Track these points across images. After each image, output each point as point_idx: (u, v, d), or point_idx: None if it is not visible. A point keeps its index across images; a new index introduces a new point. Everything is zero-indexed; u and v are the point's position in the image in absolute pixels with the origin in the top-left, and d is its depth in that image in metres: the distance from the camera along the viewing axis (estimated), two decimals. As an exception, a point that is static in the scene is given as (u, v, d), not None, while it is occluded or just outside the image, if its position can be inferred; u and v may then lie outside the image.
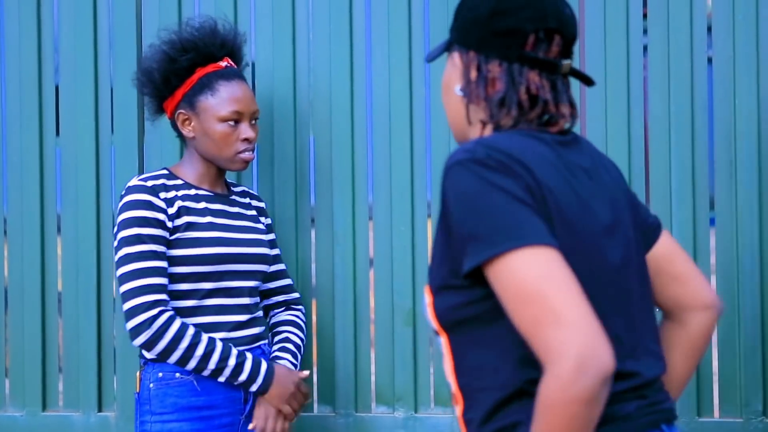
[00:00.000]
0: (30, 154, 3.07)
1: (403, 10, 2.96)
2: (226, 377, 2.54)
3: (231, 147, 2.64)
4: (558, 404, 1.55)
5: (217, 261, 2.59)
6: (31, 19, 3.08)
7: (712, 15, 2.84)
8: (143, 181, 2.60)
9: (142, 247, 2.53)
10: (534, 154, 1.71)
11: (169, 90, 2.66)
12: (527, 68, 1.79)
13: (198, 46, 2.65)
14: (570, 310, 1.56)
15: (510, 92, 1.78)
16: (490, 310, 1.68)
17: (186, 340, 2.50)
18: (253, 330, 2.66)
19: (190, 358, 2.51)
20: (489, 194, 1.63)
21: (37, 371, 3.07)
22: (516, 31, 1.78)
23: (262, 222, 2.78)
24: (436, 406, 2.95)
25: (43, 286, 3.07)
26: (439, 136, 2.94)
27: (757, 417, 2.81)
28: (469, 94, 1.82)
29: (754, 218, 2.80)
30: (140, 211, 2.55)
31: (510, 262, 1.59)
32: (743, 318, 2.81)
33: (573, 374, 1.53)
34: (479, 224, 1.63)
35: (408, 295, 2.95)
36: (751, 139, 2.81)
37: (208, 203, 2.66)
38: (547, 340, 1.56)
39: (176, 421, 2.56)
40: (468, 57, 1.82)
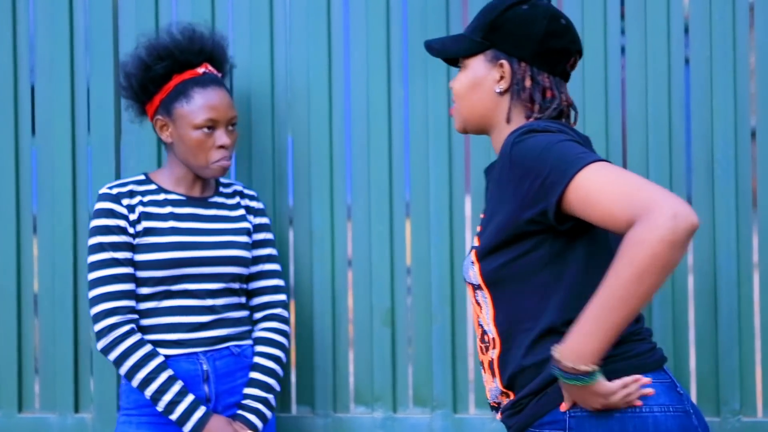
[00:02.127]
0: (5, 154, 3.05)
1: (381, 10, 2.96)
2: (161, 410, 2.57)
3: (206, 154, 2.65)
4: (645, 242, 1.81)
5: (173, 265, 2.62)
6: (6, 18, 3.05)
7: (689, 16, 2.85)
8: (109, 189, 2.66)
9: (103, 255, 2.61)
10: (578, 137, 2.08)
11: (147, 95, 2.69)
12: (562, 81, 2.17)
13: (174, 54, 2.66)
14: (652, 184, 1.89)
15: (558, 99, 2.14)
16: (536, 262, 2.00)
17: (132, 360, 2.58)
18: (217, 332, 2.66)
19: (131, 378, 2.58)
20: (558, 142, 1.98)
21: (12, 372, 3.05)
22: (566, 51, 2.16)
23: (250, 221, 2.77)
24: (414, 406, 2.95)
25: (19, 286, 3.05)
26: (418, 137, 2.94)
27: (734, 415, 2.83)
28: (519, 98, 2.13)
29: (731, 217, 2.82)
30: (103, 220, 2.63)
31: (587, 173, 1.91)
32: (720, 316, 2.82)
33: (666, 219, 1.80)
34: (557, 162, 1.94)
35: (386, 295, 2.94)
36: (728, 139, 2.82)
37: (176, 207, 2.67)
38: (640, 199, 1.84)
39: (137, 416, 2.62)
40: (520, 66, 2.13)
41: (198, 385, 2.63)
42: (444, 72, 2.92)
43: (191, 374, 2.62)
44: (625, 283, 1.84)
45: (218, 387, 2.65)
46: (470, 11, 2.90)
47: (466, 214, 2.94)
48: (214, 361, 2.65)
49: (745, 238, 2.83)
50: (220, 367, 2.66)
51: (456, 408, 2.93)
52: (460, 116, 2.22)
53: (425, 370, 2.94)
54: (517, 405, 2.06)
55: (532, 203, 1.97)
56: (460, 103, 2.20)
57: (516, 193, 1.99)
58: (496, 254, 2.04)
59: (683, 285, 2.85)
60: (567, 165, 1.93)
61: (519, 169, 1.99)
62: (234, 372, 2.68)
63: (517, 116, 2.14)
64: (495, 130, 2.17)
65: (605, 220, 1.89)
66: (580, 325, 1.90)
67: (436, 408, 2.94)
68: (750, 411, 2.84)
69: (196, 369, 2.63)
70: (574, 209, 1.93)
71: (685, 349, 2.86)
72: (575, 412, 1.98)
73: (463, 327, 2.94)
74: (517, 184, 1.99)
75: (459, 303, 2.93)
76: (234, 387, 2.67)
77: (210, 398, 2.64)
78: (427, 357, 2.94)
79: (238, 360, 2.69)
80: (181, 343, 2.63)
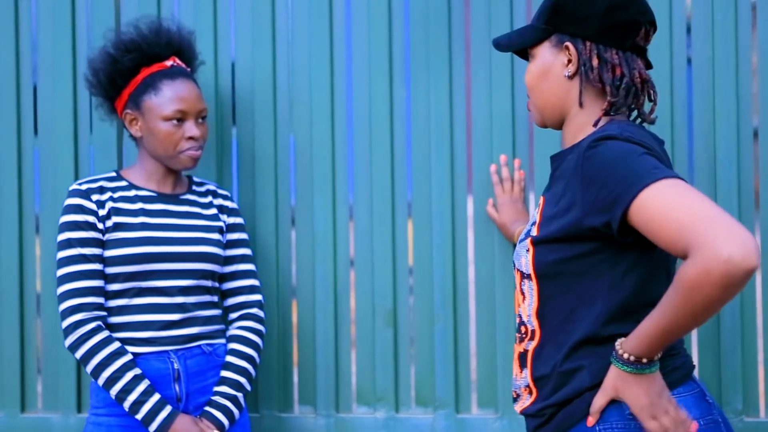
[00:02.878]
0: (8, 153, 3.05)
1: (383, 10, 2.96)
2: (126, 410, 2.56)
3: (175, 146, 2.64)
4: (699, 285, 1.76)
5: (143, 260, 2.60)
6: (9, 17, 3.06)
7: (691, 16, 2.85)
8: (79, 185, 2.65)
9: (71, 252, 2.61)
10: (657, 149, 2.01)
11: (115, 90, 2.68)
12: (635, 56, 2.08)
13: (141, 46, 2.66)
14: (718, 210, 1.79)
15: (627, 77, 2.05)
16: (592, 266, 1.97)
17: (97, 358, 2.56)
18: (188, 330, 2.65)
19: (97, 377, 2.57)
20: (633, 154, 1.91)
21: (15, 372, 3.05)
22: (633, 23, 2.07)
23: (223, 221, 2.76)
24: (416, 407, 2.95)
25: (22, 286, 3.06)
26: (419, 137, 2.94)
27: (737, 416, 2.83)
28: (588, 79, 2.06)
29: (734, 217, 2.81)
30: (71, 216, 2.63)
31: (655, 190, 1.85)
32: (723, 317, 2.82)
33: (721, 263, 1.74)
34: (627, 175, 1.88)
35: (388, 296, 2.94)
36: (731, 139, 2.82)
37: (146, 204, 2.67)
38: (696, 234, 1.77)
39: (106, 416, 2.61)
40: (585, 46, 2.06)
41: (168, 384, 2.61)
42: (446, 70, 2.92)
43: (162, 373, 2.61)
44: (683, 317, 1.82)
45: (189, 386, 2.63)
46: (472, 10, 2.91)
47: (468, 214, 2.94)
48: (185, 360, 2.63)
49: (748, 239, 2.82)
50: (191, 365, 2.64)
51: (458, 408, 2.93)
52: (536, 109, 2.16)
53: (427, 371, 2.94)
54: (541, 414, 2.05)
55: (598, 212, 1.92)
56: (534, 94, 2.14)
57: (584, 199, 1.94)
58: (554, 247, 2.00)
59: (685, 285, 2.84)
60: (636, 179, 1.87)
61: (590, 174, 1.93)
62: (205, 371, 2.66)
63: (589, 99, 2.08)
64: (569, 117, 2.11)
65: (664, 244, 1.85)
66: (641, 332, 1.88)
67: (438, 408, 2.94)
68: (753, 411, 2.83)
69: (167, 368, 2.61)
70: (637, 226, 1.88)
71: (688, 349, 2.84)
72: (605, 427, 1.96)
73: (465, 327, 2.94)
74: (585, 188, 1.94)
75: (461, 303, 2.93)
76: (205, 386, 2.66)
77: (181, 398, 2.62)
78: (429, 357, 2.94)
79: (209, 359, 2.67)
80: (151, 341, 2.61)
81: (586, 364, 1.98)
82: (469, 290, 2.94)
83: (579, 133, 2.09)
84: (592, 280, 1.98)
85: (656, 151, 1.97)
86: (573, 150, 2.03)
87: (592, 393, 1.98)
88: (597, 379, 1.97)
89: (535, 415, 2.07)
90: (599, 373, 1.97)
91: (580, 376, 1.98)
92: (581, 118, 2.09)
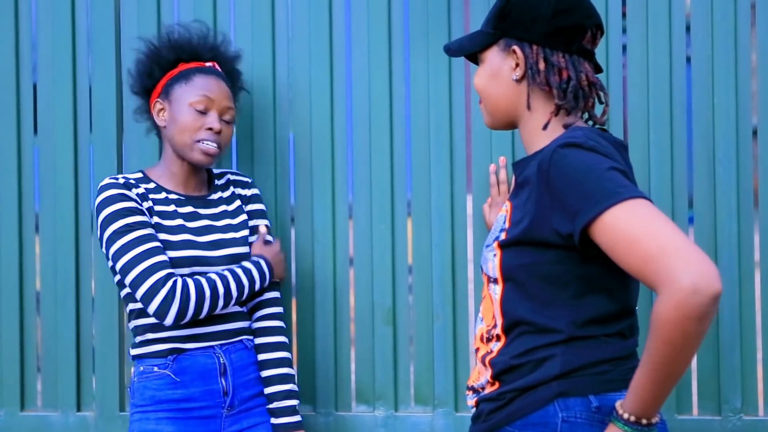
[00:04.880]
0: (8, 152, 3.06)
1: (383, 8, 2.96)
2: (248, 292, 2.63)
3: (193, 133, 2.63)
4: (673, 322, 1.78)
5: (188, 263, 2.59)
6: (9, 17, 3.06)
7: (690, 14, 2.85)
8: (114, 179, 2.63)
9: (136, 234, 2.54)
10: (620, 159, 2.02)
11: (152, 82, 2.69)
12: (582, 59, 2.11)
13: (185, 42, 2.70)
14: (679, 240, 1.81)
15: (574, 80, 2.08)
16: (556, 274, 1.98)
17: (207, 290, 2.55)
18: (231, 324, 2.65)
19: (218, 304, 2.57)
20: (603, 168, 1.91)
21: (15, 371, 3.05)
22: (579, 27, 2.10)
23: (246, 211, 2.77)
24: (416, 405, 2.96)
25: (21, 285, 3.06)
26: (419, 135, 2.94)
27: (735, 414, 2.83)
28: (535, 82, 2.09)
29: (733, 216, 2.82)
30: (120, 203, 2.57)
31: (619, 211, 1.86)
32: (722, 315, 2.82)
33: (688, 295, 1.76)
34: (594, 190, 1.89)
35: (388, 294, 2.95)
36: (730, 138, 2.82)
37: (179, 207, 2.66)
38: (660, 267, 1.80)
39: (154, 412, 2.59)
40: (532, 50, 2.09)
41: (215, 378, 2.61)
42: (446, 70, 2.92)
43: (208, 368, 2.61)
44: (667, 359, 1.82)
45: (235, 380, 2.64)
46: (472, 9, 2.91)
47: (468, 212, 2.94)
48: (230, 354, 2.64)
49: (747, 237, 2.83)
50: (236, 360, 2.64)
51: (457, 406, 2.94)
52: (486, 111, 2.19)
53: (427, 369, 2.94)
54: (500, 398, 2.04)
55: (562, 222, 1.93)
56: (484, 98, 2.18)
57: (551, 206, 1.95)
58: (520, 250, 2.01)
59: (685, 284, 2.84)
60: (600, 197, 1.88)
61: (555, 182, 1.94)
62: (248, 366, 2.67)
63: (538, 102, 2.11)
64: (521, 121, 2.14)
65: (628, 269, 1.86)
66: (636, 387, 1.88)
67: (437, 406, 2.94)
68: (751, 409, 2.84)
69: (213, 363, 2.61)
70: (600, 244, 1.89)
71: (687, 347, 2.85)
72: (569, 415, 1.97)
73: (464, 325, 2.94)
74: (552, 196, 1.95)
75: (460, 301, 2.94)
76: (248, 381, 2.66)
77: (227, 391, 2.62)
78: (428, 355, 2.94)
79: (251, 354, 2.68)
80: (197, 337, 2.60)
81: (558, 353, 1.98)
82: (468, 289, 2.94)
83: (534, 137, 2.12)
84: (557, 288, 1.99)
85: (620, 163, 1.97)
86: (536, 156, 2.03)
87: (560, 382, 1.98)
88: (567, 368, 1.97)
89: (494, 399, 2.05)
90: (570, 363, 1.97)
91: (551, 363, 1.98)
92: (533, 123, 2.12)
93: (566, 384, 1.98)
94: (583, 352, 1.98)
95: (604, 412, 1.96)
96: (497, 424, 2.03)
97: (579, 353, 1.98)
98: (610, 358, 2.00)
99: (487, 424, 2.05)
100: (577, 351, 1.98)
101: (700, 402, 2.86)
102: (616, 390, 1.98)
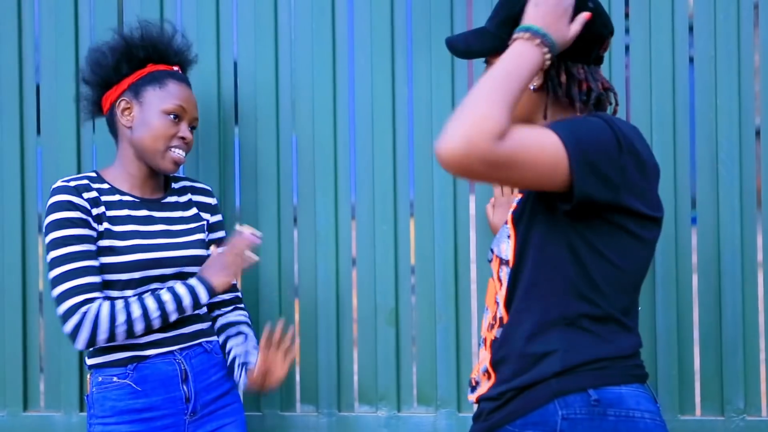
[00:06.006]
0: (11, 153, 3.06)
1: (386, 10, 2.96)
2: (176, 317, 2.55)
3: (166, 141, 2.61)
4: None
5: (138, 268, 2.55)
6: (12, 17, 3.06)
7: (693, 15, 2.85)
8: (66, 182, 2.58)
9: (69, 249, 2.50)
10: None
11: (117, 77, 2.64)
12: (596, 66, 2.11)
13: (155, 43, 2.66)
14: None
15: (595, 90, 2.07)
16: (553, 241, 1.98)
17: (120, 323, 2.48)
18: (189, 328, 2.63)
19: (134, 331, 2.50)
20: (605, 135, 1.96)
21: (18, 371, 3.05)
22: (598, 37, 2.08)
23: (204, 219, 2.74)
24: (418, 405, 2.96)
25: (24, 285, 3.06)
26: (422, 136, 2.95)
27: (738, 415, 2.83)
28: (556, 93, 2.06)
29: (736, 217, 2.82)
30: (64, 213, 2.52)
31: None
32: (724, 316, 2.82)
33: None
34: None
35: (390, 295, 2.95)
36: (733, 139, 2.82)
37: (132, 210, 2.62)
38: None
39: (116, 424, 2.55)
40: (552, 62, 2.03)
41: (177, 385, 2.59)
42: (448, 71, 2.92)
43: (169, 375, 2.58)
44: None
45: (196, 385, 2.62)
46: (475, 10, 2.91)
47: (471, 213, 2.94)
48: (190, 360, 2.62)
49: (750, 238, 2.83)
50: (196, 365, 2.62)
51: (460, 407, 2.94)
52: None
53: (429, 369, 2.94)
54: (500, 397, 2.03)
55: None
56: None
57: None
58: (527, 228, 2.02)
59: (687, 285, 2.85)
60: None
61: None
62: (207, 369, 2.65)
63: (555, 112, 2.09)
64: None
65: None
66: None
67: (440, 407, 2.94)
68: (754, 410, 2.84)
69: (174, 369, 2.59)
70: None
71: (690, 348, 2.86)
72: (568, 413, 1.97)
73: (467, 326, 2.94)
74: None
75: (463, 302, 2.94)
76: (209, 384, 2.64)
77: (189, 398, 2.60)
78: (431, 356, 2.94)
79: (210, 357, 2.66)
80: (157, 343, 2.58)
81: (560, 349, 1.98)
82: (471, 289, 2.94)
83: None
84: (554, 256, 1.99)
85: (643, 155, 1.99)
86: None
87: (558, 380, 1.98)
88: (567, 365, 1.98)
89: (494, 398, 2.05)
90: (571, 360, 1.98)
91: (551, 360, 1.99)
92: None
93: (565, 381, 1.98)
94: (583, 348, 1.99)
95: (604, 404, 1.96)
96: (497, 423, 2.03)
97: (579, 342, 1.99)
98: (610, 356, 2.00)
99: (488, 423, 2.05)
100: (578, 340, 1.99)
101: (703, 403, 2.85)
102: (614, 384, 1.98)
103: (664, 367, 2.84)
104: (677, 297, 2.84)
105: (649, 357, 2.82)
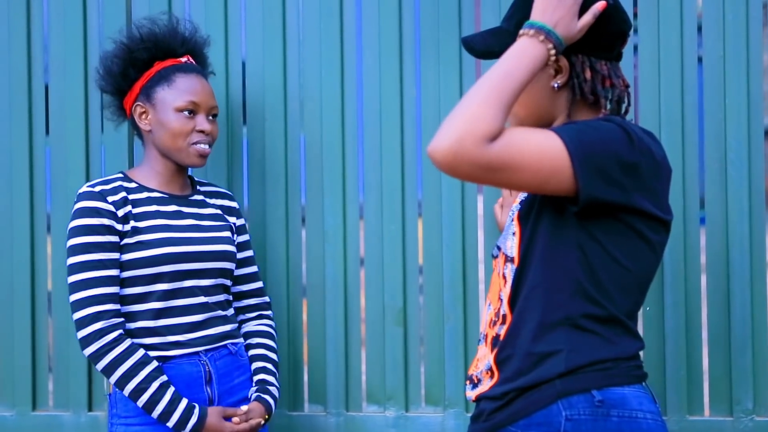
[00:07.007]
0: (20, 153, 3.07)
1: (394, 10, 2.96)
2: (156, 418, 2.51)
3: (185, 138, 2.62)
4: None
5: (165, 261, 2.56)
6: (21, 17, 3.07)
7: (702, 14, 2.85)
8: (91, 187, 2.59)
9: (88, 257, 2.52)
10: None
11: (127, 83, 2.66)
12: (617, 64, 2.09)
13: (157, 40, 2.66)
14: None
15: (618, 87, 2.06)
16: (561, 241, 1.97)
17: (122, 369, 2.49)
18: (214, 330, 2.63)
19: (123, 387, 2.51)
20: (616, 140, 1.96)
21: (26, 371, 3.06)
22: (620, 33, 2.07)
23: (229, 221, 2.74)
24: (426, 405, 2.95)
25: (33, 285, 3.07)
26: (430, 136, 2.93)
27: (747, 415, 2.82)
28: (582, 92, 2.04)
29: (744, 217, 2.81)
30: (87, 219, 2.55)
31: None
32: (733, 316, 2.82)
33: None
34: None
35: (398, 295, 2.95)
36: (741, 138, 2.81)
37: (161, 205, 2.63)
38: None
39: (138, 425, 2.55)
40: (578, 58, 2.03)
41: (200, 386, 2.59)
42: (456, 69, 2.92)
43: (194, 376, 2.58)
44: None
45: (219, 387, 2.62)
46: (483, 9, 2.91)
47: (479, 213, 2.94)
48: (215, 362, 2.62)
49: (758, 238, 2.82)
50: (220, 367, 2.63)
51: (468, 407, 2.93)
52: (516, 117, 2.08)
53: (437, 369, 2.94)
54: (502, 397, 2.01)
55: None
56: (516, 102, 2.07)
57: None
58: (534, 226, 2.01)
59: (696, 284, 2.84)
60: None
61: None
62: (232, 372, 2.65)
63: (578, 110, 2.07)
64: (556, 124, 2.07)
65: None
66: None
67: (448, 407, 2.94)
68: (763, 410, 2.83)
69: (199, 371, 2.59)
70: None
71: (698, 348, 2.85)
72: (572, 413, 1.96)
73: (475, 326, 2.94)
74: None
75: (471, 302, 2.93)
76: (233, 387, 2.65)
77: (213, 400, 2.60)
78: (439, 356, 2.94)
79: (234, 359, 2.66)
80: (181, 344, 2.58)
81: (565, 349, 1.98)
82: (479, 289, 2.94)
83: None
84: (561, 255, 1.98)
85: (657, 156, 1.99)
86: None
87: (563, 381, 1.97)
88: (572, 366, 1.97)
89: (496, 398, 2.03)
90: (575, 361, 1.97)
91: (555, 360, 1.98)
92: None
93: (569, 382, 1.97)
94: (588, 349, 1.98)
95: (607, 405, 1.96)
96: (499, 424, 2.02)
97: (584, 343, 1.98)
98: (614, 358, 2.00)
99: (489, 423, 2.04)
100: (583, 340, 1.98)
101: (712, 403, 2.85)
102: (617, 384, 1.98)
103: (673, 367, 2.83)
104: (686, 297, 2.83)
105: (657, 357, 2.82)
